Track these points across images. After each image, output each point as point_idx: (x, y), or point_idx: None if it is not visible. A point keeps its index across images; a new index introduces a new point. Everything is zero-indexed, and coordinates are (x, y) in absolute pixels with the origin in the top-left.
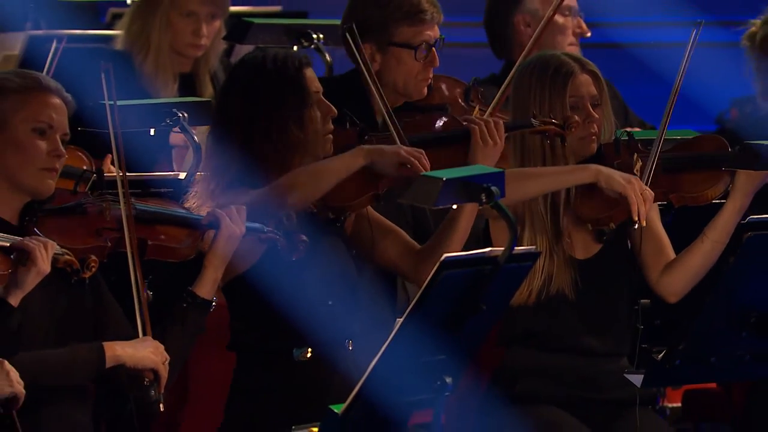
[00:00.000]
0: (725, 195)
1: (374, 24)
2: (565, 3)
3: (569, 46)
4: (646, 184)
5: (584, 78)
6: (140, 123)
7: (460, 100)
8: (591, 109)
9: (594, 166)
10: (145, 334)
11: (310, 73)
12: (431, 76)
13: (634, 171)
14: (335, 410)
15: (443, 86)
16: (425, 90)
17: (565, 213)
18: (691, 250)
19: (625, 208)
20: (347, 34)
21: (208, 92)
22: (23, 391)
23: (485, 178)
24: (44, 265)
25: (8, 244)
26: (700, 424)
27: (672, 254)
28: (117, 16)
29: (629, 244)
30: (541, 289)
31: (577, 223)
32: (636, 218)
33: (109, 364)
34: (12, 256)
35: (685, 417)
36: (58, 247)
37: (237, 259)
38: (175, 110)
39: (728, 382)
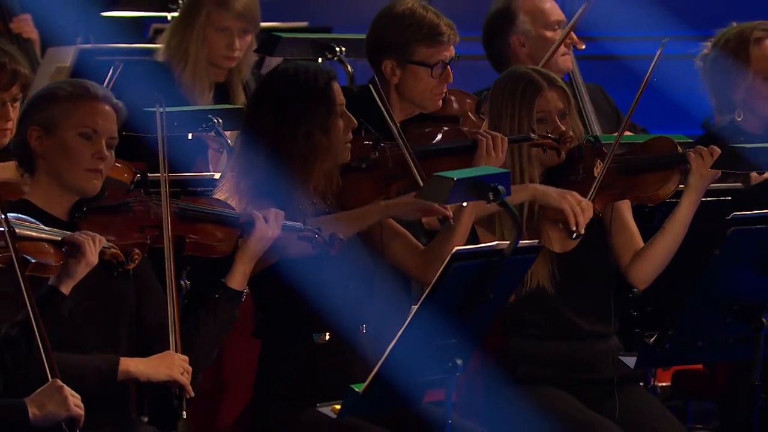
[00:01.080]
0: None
1: (395, 42)
2: (554, 19)
3: (561, 56)
4: (598, 185)
5: (551, 94)
6: (179, 128)
7: (470, 114)
8: (558, 122)
9: (531, 186)
10: (175, 342)
11: (336, 86)
12: (445, 90)
13: (595, 173)
14: (356, 389)
15: (454, 99)
16: (440, 103)
17: (541, 213)
18: (653, 242)
19: (573, 230)
20: (371, 87)
21: (240, 100)
22: (82, 413)
23: (492, 178)
24: (92, 257)
25: (60, 238)
26: (688, 402)
27: (641, 244)
28: (158, 31)
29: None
30: (521, 285)
31: (550, 223)
32: (573, 228)
33: (120, 377)
34: (63, 249)
35: (674, 395)
36: (105, 241)
37: (272, 253)
38: (210, 116)
39: (713, 363)
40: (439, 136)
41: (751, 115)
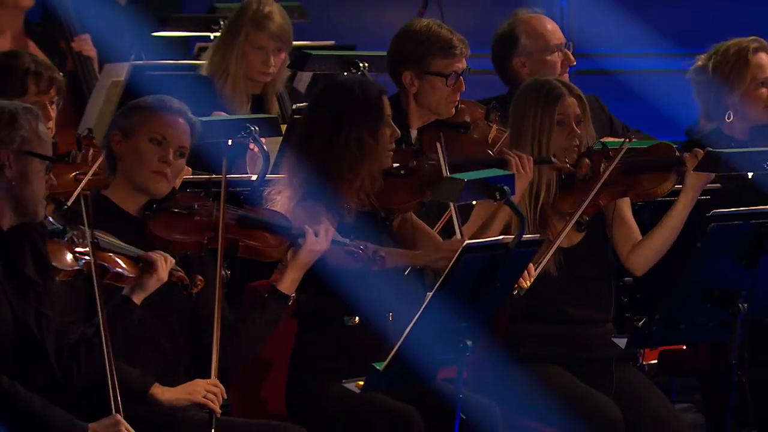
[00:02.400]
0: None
1: (413, 56)
2: (553, 43)
3: (559, 76)
4: (603, 182)
5: (571, 100)
6: (221, 134)
7: (480, 121)
8: (574, 126)
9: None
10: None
11: (386, 99)
12: (458, 98)
13: (603, 173)
14: (377, 367)
15: (466, 108)
16: (453, 110)
17: (550, 209)
18: (652, 234)
19: (595, 203)
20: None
21: (274, 110)
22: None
23: (498, 179)
24: (164, 275)
25: (137, 255)
26: (672, 378)
27: (639, 237)
28: (202, 49)
29: (606, 231)
30: None
31: (561, 216)
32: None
33: (148, 399)
34: (140, 265)
35: (660, 372)
36: (174, 262)
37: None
38: (248, 125)
39: (695, 344)
40: (474, 152)
41: (740, 119)
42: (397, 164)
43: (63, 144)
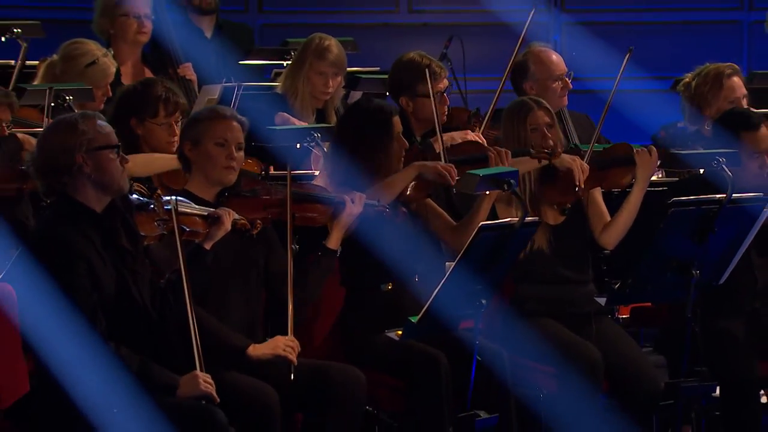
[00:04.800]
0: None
1: (404, 84)
2: (557, 72)
3: (559, 97)
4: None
5: (539, 112)
6: (292, 140)
7: (465, 122)
8: (546, 132)
9: (417, 164)
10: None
11: (396, 119)
12: (446, 110)
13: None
14: (412, 320)
15: (455, 114)
16: (445, 118)
17: (539, 197)
18: (616, 217)
19: (574, 193)
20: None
21: (332, 121)
22: (212, 390)
23: (506, 175)
24: (228, 225)
25: (207, 213)
26: (641, 329)
27: (608, 218)
28: (278, 74)
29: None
30: (528, 247)
31: (549, 204)
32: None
33: (246, 356)
34: (209, 220)
35: (632, 324)
36: (236, 215)
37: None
38: (312, 132)
39: (659, 302)
40: (463, 150)
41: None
42: (409, 161)
43: None
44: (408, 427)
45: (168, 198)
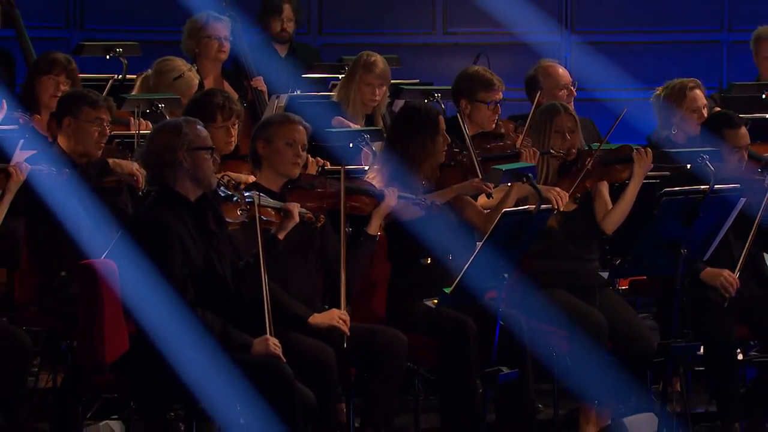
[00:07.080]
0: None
1: (467, 89)
2: (563, 83)
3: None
4: (586, 170)
5: (565, 116)
6: (345, 140)
7: (510, 132)
8: (567, 135)
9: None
10: (348, 303)
11: (441, 118)
12: (497, 118)
13: (587, 165)
14: (446, 291)
15: (501, 123)
16: (493, 125)
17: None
18: (615, 207)
19: (582, 185)
20: (458, 117)
21: (380, 125)
22: (278, 352)
23: (525, 170)
24: (296, 218)
25: (280, 206)
26: (638, 298)
27: (610, 207)
28: (334, 85)
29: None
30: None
31: None
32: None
33: (307, 324)
34: (281, 213)
35: (630, 294)
36: (303, 209)
37: (398, 214)
38: (363, 134)
39: (653, 275)
40: (497, 149)
41: (681, 132)
42: (449, 159)
43: (243, 147)
44: (443, 380)
45: (250, 192)
